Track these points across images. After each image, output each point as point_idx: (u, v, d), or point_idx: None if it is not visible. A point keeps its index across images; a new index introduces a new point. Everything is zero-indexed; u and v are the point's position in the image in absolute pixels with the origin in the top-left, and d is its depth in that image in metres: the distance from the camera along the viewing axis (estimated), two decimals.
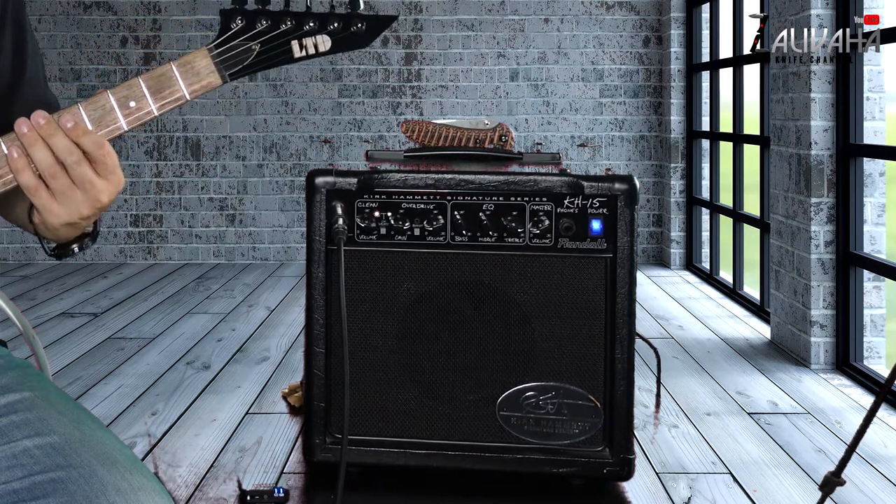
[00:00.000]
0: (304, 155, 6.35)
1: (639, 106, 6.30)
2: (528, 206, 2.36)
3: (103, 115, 1.03)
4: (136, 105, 1.03)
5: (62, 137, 1.00)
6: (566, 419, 2.36)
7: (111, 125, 1.03)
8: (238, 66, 1.04)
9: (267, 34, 1.03)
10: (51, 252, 1.12)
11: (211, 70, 1.03)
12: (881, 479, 2.58)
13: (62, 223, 1.03)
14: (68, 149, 1.00)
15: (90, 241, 1.12)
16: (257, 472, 2.61)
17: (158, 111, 1.03)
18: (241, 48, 1.03)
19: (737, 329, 4.33)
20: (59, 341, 4.09)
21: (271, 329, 4.35)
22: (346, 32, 1.05)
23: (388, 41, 6.29)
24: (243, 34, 1.03)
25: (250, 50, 1.03)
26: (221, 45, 1.03)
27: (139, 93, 1.02)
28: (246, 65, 1.04)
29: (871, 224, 3.60)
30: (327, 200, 2.36)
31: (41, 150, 1.00)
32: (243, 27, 1.03)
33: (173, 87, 1.03)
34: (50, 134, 1.00)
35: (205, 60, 1.03)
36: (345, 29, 1.04)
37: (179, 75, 1.03)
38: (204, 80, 1.03)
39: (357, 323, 2.37)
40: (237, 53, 1.03)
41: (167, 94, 1.03)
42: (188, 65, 1.03)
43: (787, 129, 3.92)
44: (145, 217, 6.35)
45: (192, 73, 1.03)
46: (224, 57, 1.03)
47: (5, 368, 1.06)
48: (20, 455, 0.94)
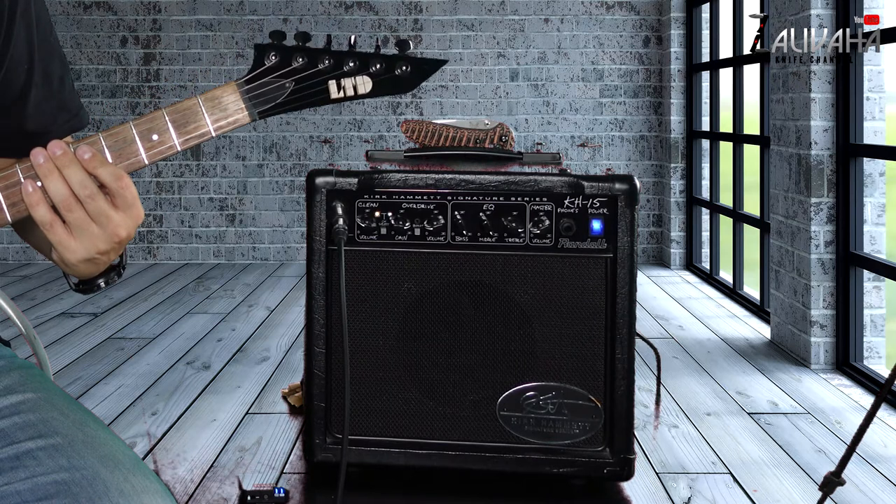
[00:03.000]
0: (304, 155, 6.35)
1: (639, 106, 6.30)
2: (529, 206, 2.36)
3: (124, 146, 0.98)
4: (158, 138, 0.98)
5: (78, 169, 0.96)
6: (566, 419, 2.36)
7: (131, 158, 0.98)
8: (269, 104, 0.98)
9: (302, 72, 0.98)
10: (75, 287, 1.07)
11: (239, 106, 0.98)
12: (881, 479, 2.58)
13: (79, 259, 0.99)
14: (83, 181, 0.96)
15: (116, 275, 1.07)
16: (257, 472, 2.61)
17: (181, 146, 0.98)
18: (272, 85, 0.98)
19: (737, 329, 4.34)
20: (59, 341, 4.09)
21: (271, 329, 4.35)
22: (388, 75, 0.99)
23: (389, 41, 6.29)
24: (277, 70, 0.98)
25: (283, 87, 0.98)
26: (252, 81, 0.98)
27: (162, 126, 0.98)
28: (278, 103, 0.98)
29: (871, 224, 3.60)
30: (327, 200, 2.36)
31: (56, 181, 0.96)
32: (277, 63, 0.98)
33: (198, 121, 0.98)
34: (65, 165, 0.96)
35: (233, 96, 0.98)
36: (388, 71, 0.99)
37: (205, 110, 0.98)
38: (231, 116, 0.98)
39: (357, 323, 2.37)
40: (269, 90, 0.98)
41: (192, 129, 0.98)
42: (215, 99, 0.98)
43: (787, 129, 3.93)
44: (145, 217, 6.34)
45: (218, 109, 0.98)
46: (254, 93, 0.98)
47: (8, 369, 1.06)
48: (23, 457, 0.94)
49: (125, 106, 6.35)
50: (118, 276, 1.07)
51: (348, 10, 6.32)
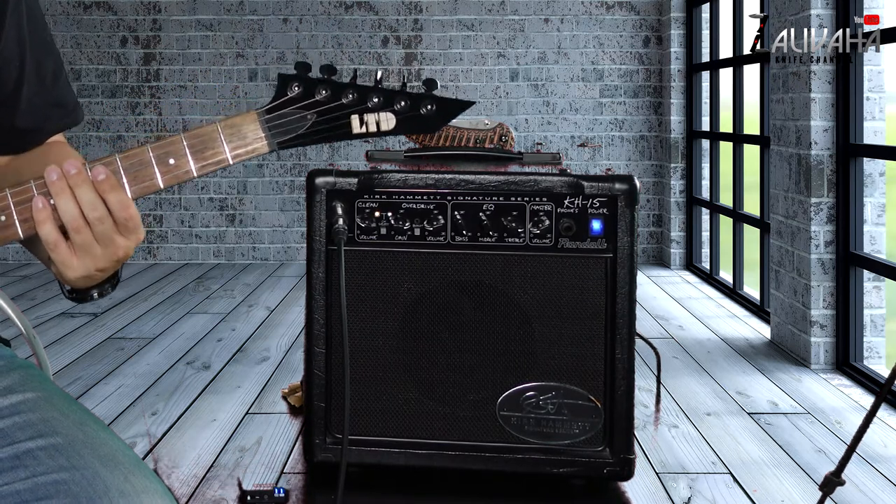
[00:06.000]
0: (304, 155, 6.35)
1: (639, 106, 6.30)
2: (529, 206, 2.36)
3: (140, 169, 0.97)
4: (174, 163, 0.97)
5: (89, 189, 0.96)
6: (566, 419, 2.36)
7: (146, 181, 0.98)
8: (289, 136, 0.97)
9: (325, 104, 0.97)
10: (68, 295, 1.07)
11: (258, 136, 0.97)
12: (881, 479, 2.58)
13: (78, 276, 0.99)
14: (93, 202, 0.96)
15: (111, 287, 1.07)
16: (257, 472, 2.61)
17: (198, 172, 0.98)
18: (293, 116, 0.97)
19: (737, 329, 4.34)
20: (59, 341, 4.09)
21: (271, 329, 4.35)
22: (413, 112, 0.98)
23: (389, 41, 6.29)
24: (298, 101, 0.97)
25: (304, 119, 0.97)
26: (273, 111, 0.97)
27: (180, 150, 0.97)
28: (298, 135, 0.97)
29: (871, 224, 3.60)
30: (327, 200, 2.36)
31: (68, 200, 0.95)
32: (300, 94, 0.97)
33: (216, 148, 0.97)
34: (78, 184, 0.95)
35: (253, 125, 0.97)
36: (413, 109, 0.97)
37: (224, 137, 0.97)
38: (250, 145, 0.97)
39: (357, 323, 2.37)
40: (289, 121, 0.97)
41: (209, 156, 0.97)
42: (235, 127, 0.97)
43: (787, 129, 3.93)
44: (145, 217, 6.34)
45: (237, 137, 0.97)
46: (274, 123, 0.97)
47: (8, 369, 1.06)
48: (23, 456, 0.94)
49: (125, 106, 6.35)
50: (112, 288, 1.07)
51: (348, 10, 6.32)
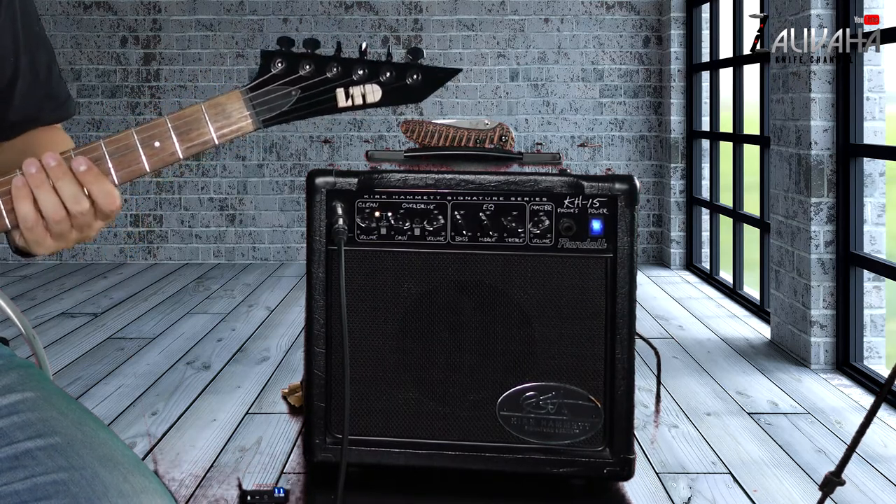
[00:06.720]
0: (303, 155, 6.35)
1: (639, 106, 6.30)
2: (529, 206, 2.36)
3: (125, 153, 0.97)
4: (160, 145, 0.97)
5: (71, 182, 0.95)
6: (566, 419, 2.36)
7: (133, 165, 0.97)
8: (274, 112, 0.96)
9: (309, 80, 0.96)
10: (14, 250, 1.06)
11: (243, 114, 0.96)
12: (881, 479, 2.58)
13: (46, 252, 1.00)
14: (76, 195, 0.95)
15: None
16: (257, 472, 2.61)
17: (184, 154, 0.97)
18: (278, 93, 0.96)
19: (737, 329, 4.33)
20: (59, 341, 4.09)
21: (271, 329, 4.35)
22: (399, 83, 0.96)
23: (389, 41, 6.29)
24: (283, 78, 0.96)
25: (289, 95, 0.96)
26: (257, 88, 0.96)
27: (165, 133, 0.96)
28: (283, 111, 0.96)
29: (871, 224, 3.60)
30: (327, 200, 2.36)
31: (48, 193, 0.95)
32: (283, 70, 0.96)
33: (201, 129, 0.97)
34: (58, 177, 0.94)
35: (237, 103, 0.96)
36: (398, 80, 0.96)
37: (209, 117, 0.96)
38: (235, 124, 0.97)
39: (357, 323, 2.37)
40: (273, 98, 0.96)
41: (194, 137, 0.97)
42: (219, 106, 0.97)
43: (787, 129, 3.93)
44: (145, 217, 6.35)
45: (222, 116, 0.97)
46: (259, 101, 0.96)
47: (7, 368, 1.06)
48: (22, 456, 0.94)
49: (125, 106, 6.35)
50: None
51: (348, 10, 6.32)
